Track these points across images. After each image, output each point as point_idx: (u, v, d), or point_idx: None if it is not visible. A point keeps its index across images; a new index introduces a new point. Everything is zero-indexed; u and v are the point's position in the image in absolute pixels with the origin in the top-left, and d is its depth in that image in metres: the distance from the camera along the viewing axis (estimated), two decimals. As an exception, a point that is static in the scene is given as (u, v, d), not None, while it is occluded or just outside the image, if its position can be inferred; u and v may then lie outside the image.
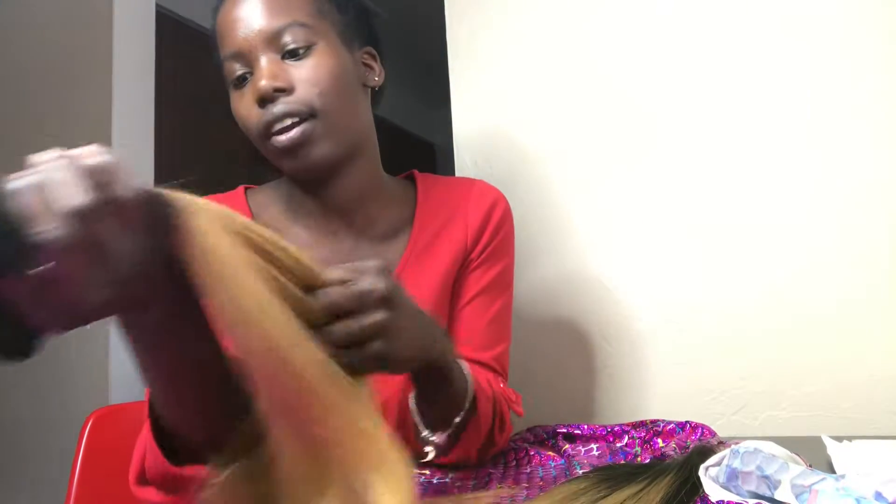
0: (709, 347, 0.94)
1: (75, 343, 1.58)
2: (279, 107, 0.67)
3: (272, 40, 0.68)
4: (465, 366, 0.65)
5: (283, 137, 0.68)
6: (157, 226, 0.36)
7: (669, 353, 0.97)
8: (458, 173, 1.16)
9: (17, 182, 0.32)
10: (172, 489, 0.52)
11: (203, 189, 0.44)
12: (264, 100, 0.67)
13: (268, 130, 0.68)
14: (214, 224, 0.38)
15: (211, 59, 0.75)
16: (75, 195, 0.32)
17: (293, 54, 0.68)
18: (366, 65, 0.78)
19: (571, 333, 1.04)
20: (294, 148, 0.68)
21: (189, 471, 0.49)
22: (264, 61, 0.68)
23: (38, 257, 0.32)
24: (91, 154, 0.34)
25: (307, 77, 0.68)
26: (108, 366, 1.53)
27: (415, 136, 4.20)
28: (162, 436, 0.51)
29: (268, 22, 0.68)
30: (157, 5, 1.80)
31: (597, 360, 1.02)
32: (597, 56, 1.05)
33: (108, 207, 0.33)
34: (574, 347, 1.04)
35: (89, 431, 0.89)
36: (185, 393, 0.46)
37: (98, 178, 0.33)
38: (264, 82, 0.66)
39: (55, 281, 0.33)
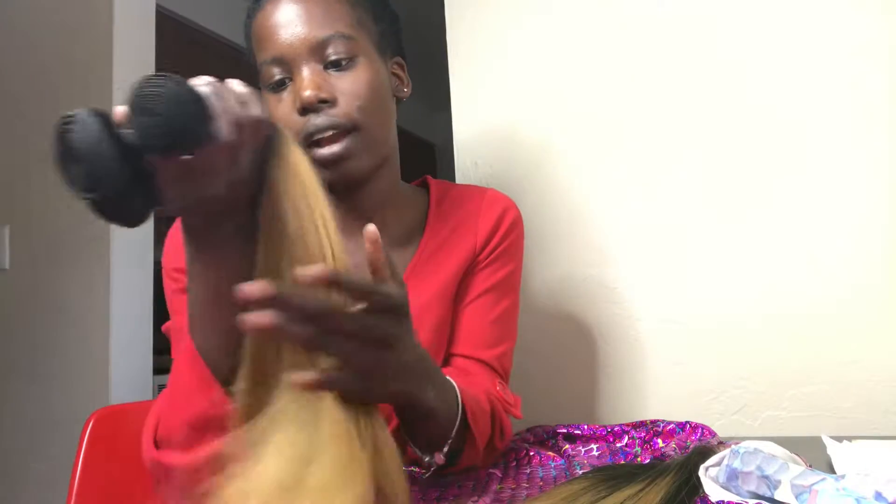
0: (709, 347, 0.94)
1: (76, 343, 1.58)
2: (322, 118, 0.68)
3: (316, 50, 0.69)
4: (458, 393, 0.62)
5: (325, 150, 0.68)
6: (266, 146, 0.47)
7: (669, 353, 0.97)
8: (458, 174, 1.16)
9: (206, 88, 0.42)
10: (202, 432, 0.51)
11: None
12: (307, 109, 0.68)
13: (308, 139, 0.69)
14: (303, 161, 0.48)
15: (211, 60, 0.75)
16: (251, 106, 0.45)
17: (335, 65, 0.69)
18: (395, 75, 0.79)
19: (571, 333, 1.04)
20: (335, 161, 0.69)
21: (218, 410, 0.48)
22: (307, 70, 0.68)
23: (205, 145, 0.41)
24: (240, 84, 0.45)
25: (349, 90, 0.69)
26: (109, 366, 1.53)
27: (415, 137, 4.20)
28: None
29: (313, 31, 0.68)
30: (157, 5, 1.80)
31: (597, 360, 1.02)
32: (597, 56, 1.05)
33: (253, 123, 0.44)
34: (574, 347, 1.04)
35: (90, 431, 0.89)
36: (224, 316, 0.47)
37: (247, 100, 0.45)
38: (309, 92, 0.67)
39: (197, 167, 0.42)
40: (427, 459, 0.61)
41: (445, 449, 0.61)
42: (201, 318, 0.51)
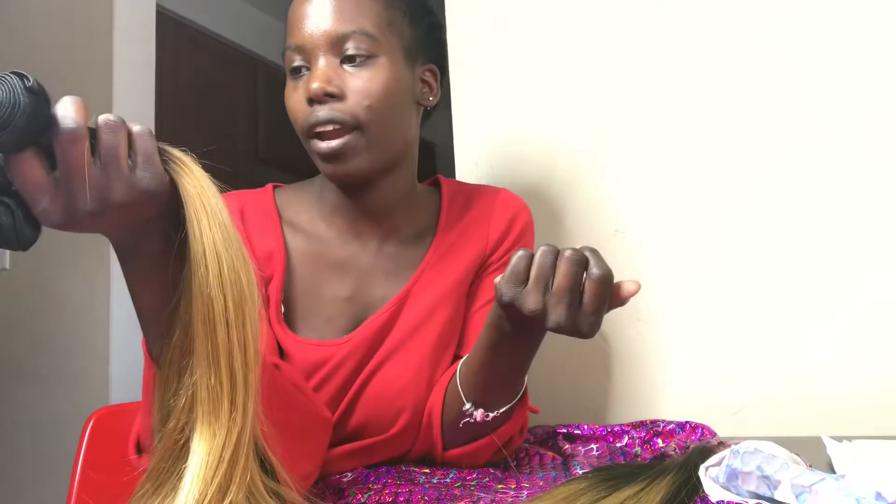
0: (709, 347, 0.94)
1: (76, 344, 1.58)
2: (326, 111, 0.69)
3: (335, 44, 0.69)
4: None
5: (323, 144, 0.69)
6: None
7: (669, 352, 0.97)
8: (458, 173, 1.16)
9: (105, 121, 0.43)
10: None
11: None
12: (313, 100, 0.69)
13: (311, 130, 0.70)
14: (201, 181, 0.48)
15: (211, 60, 0.76)
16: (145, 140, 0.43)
17: (352, 61, 0.70)
18: (424, 82, 0.78)
19: (571, 333, 1.04)
20: (334, 156, 0.70)
21: None
22: (322, 62, 0.69)
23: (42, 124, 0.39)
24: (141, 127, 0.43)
25: (360, 88, 0.69)
26: (109, 366, 1.53)
27: (415, 136, 4.20)
28: None
29: (335, 25, 0.69)
30: (157, 5, 1.80)
31: (597, 359, 1.02)
32: (598, 55, 1.05)
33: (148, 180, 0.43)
34: (574, 347, 1.04)
35: (90, 431, 0.89)
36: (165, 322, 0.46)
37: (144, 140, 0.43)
38: (317, 85, 0.68)
39: (70, 182, 0.39)
40: (472, 412, 0.67)
41: (505, 408, 0.68)
42: (150, 328, 0.49)
